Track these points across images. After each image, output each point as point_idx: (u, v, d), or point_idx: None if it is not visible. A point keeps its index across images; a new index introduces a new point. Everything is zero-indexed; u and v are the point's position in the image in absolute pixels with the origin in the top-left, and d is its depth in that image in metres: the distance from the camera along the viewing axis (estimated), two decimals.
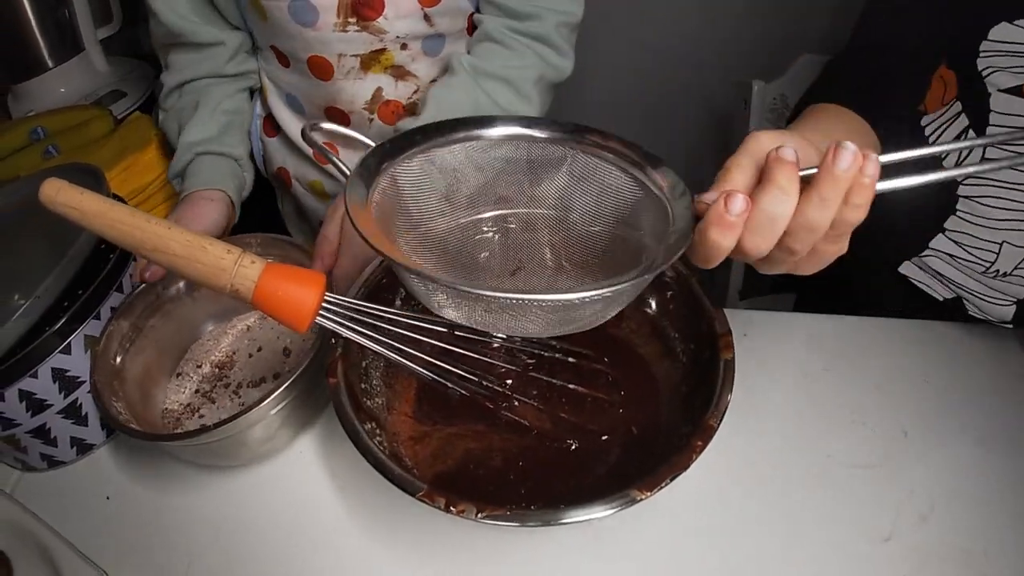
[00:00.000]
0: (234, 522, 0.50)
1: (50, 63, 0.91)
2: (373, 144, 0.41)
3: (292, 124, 0.72)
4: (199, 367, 0.60)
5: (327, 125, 0.44)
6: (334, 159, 0.42)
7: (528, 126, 0.42)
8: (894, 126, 0.48)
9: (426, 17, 0.62)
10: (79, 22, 0.91)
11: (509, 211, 0.44)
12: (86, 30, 0.92)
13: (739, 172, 0.32)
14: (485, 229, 0.44)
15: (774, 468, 0.51)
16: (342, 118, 0.69)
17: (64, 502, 0.53)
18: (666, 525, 0.47)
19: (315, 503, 0.50)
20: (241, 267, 0.37)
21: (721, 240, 0.31)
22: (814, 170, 0.31)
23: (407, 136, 0.41)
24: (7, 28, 0.89)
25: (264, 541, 0.49)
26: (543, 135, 0.41)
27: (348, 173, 0.38)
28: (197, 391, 0.58)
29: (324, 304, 0.39)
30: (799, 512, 0.48)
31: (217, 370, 0.60)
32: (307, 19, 0.61)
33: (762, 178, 0.31)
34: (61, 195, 0.37)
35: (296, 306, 0.38)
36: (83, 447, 0.55)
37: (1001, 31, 0.48)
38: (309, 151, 0.73)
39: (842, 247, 0.33)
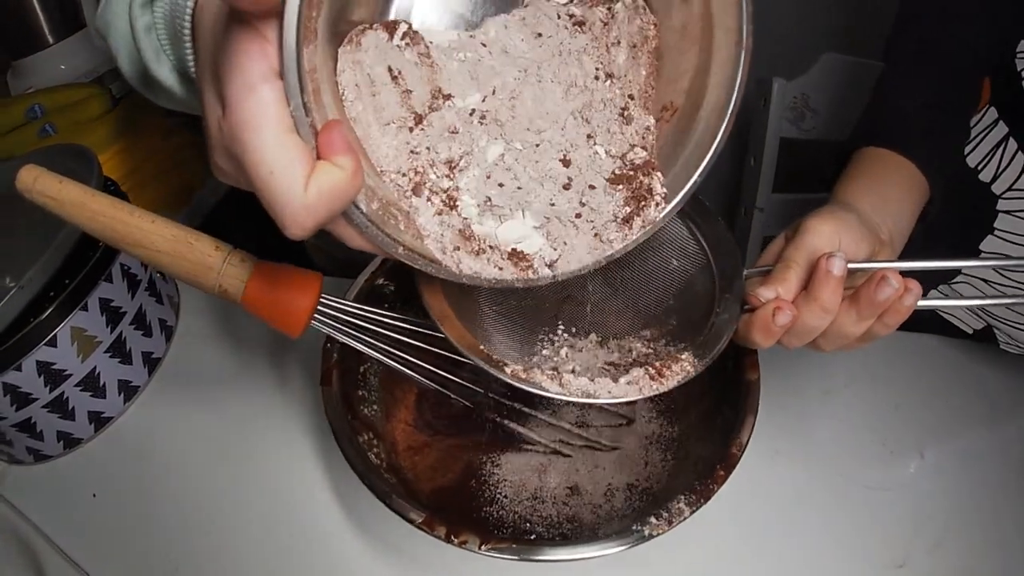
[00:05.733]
0: (224, 524, 0.48)
1: (50, 39, 0.88)
2: None
3: None
4: None
5: None
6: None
7: None
8: (945, 168, 0.45)
9: None
10: None
11: None
12: (87, 5, 0.89)
13: (795, 273, 0.35)
14: None
15: (788, 488, 0.49)
16: None
17: (50, 497, 0.52)
18: (678, 551, 0.44)
19: (311, 505, 0.48)
20: (230, 265, 0.34)
21: (762, 342, 0.35)
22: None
23: None
24: (7, 3, 0.86)
25: (256, 544, 0.47)
26: None
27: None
28: None
29: (319, 307, 0.36)
30: (811, 535, 0.46)
31: None
32: None
33: (808, 288, 0.34)
34: (39, 183, 0.35)
35: (289, 309, 0.35)
36: (70, 441, 0.54)
37: None
38: None
39: (865, 344, 0.36)
